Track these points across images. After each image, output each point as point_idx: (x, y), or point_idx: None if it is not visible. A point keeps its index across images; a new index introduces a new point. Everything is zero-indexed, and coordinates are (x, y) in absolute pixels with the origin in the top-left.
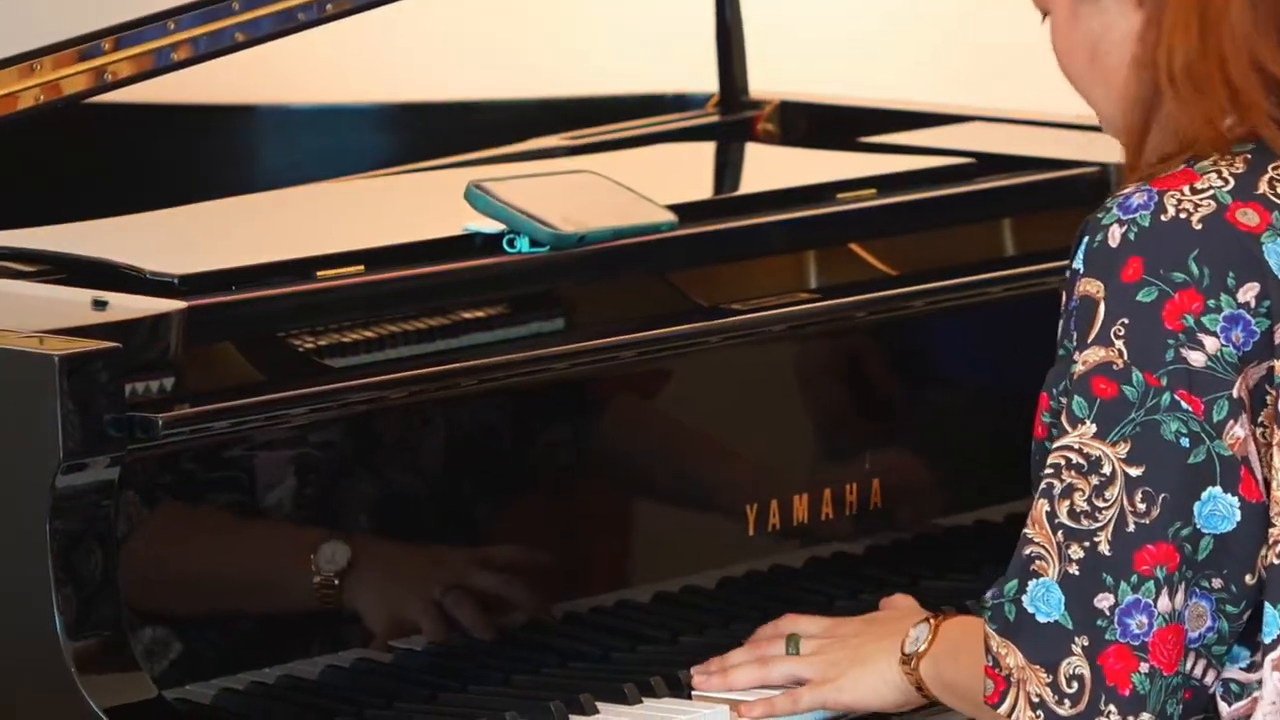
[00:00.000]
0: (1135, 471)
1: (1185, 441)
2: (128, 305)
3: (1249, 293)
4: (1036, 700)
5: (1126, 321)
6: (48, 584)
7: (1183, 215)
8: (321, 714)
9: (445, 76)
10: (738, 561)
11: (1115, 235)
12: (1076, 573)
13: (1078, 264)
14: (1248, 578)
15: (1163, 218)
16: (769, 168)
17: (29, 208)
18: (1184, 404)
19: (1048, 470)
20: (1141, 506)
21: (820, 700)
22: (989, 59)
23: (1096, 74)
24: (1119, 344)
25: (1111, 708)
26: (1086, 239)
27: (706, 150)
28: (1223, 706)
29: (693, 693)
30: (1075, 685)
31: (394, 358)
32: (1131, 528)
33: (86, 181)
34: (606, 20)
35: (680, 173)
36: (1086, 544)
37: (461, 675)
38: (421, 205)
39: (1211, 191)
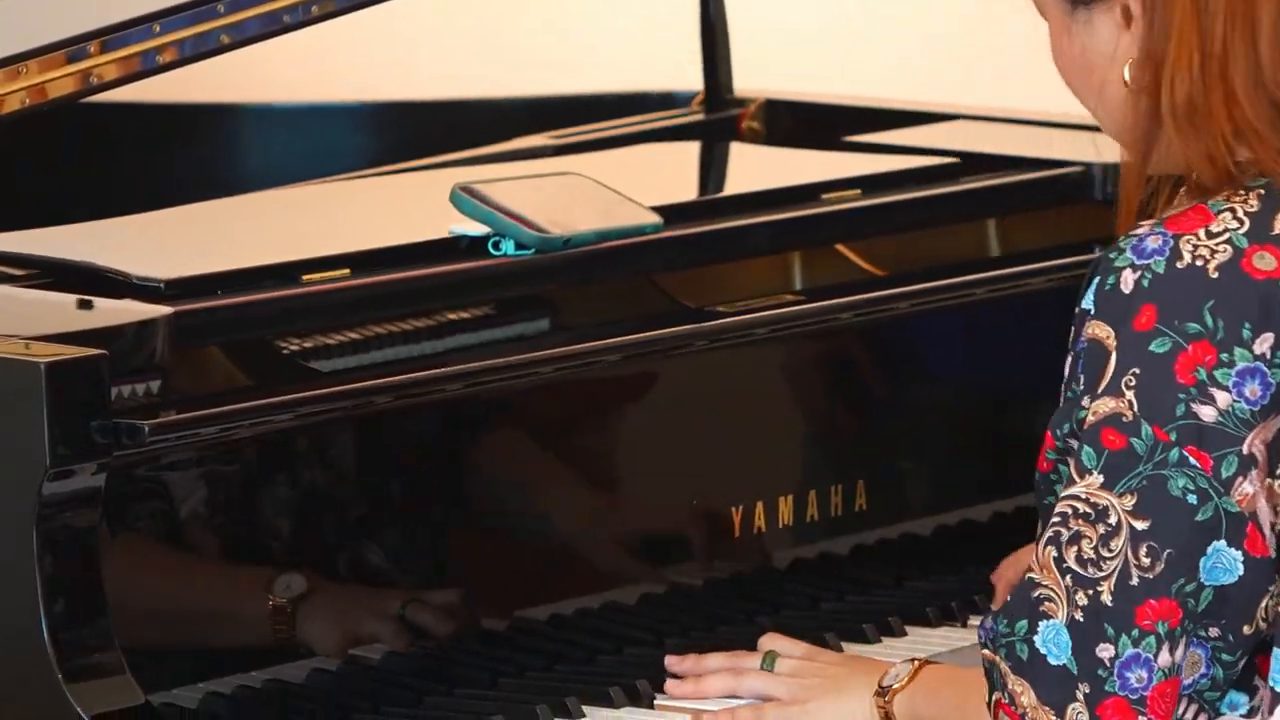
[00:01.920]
0: (1141, 525)
1: (1193, 499)
2: (114, 310)
3: (1264, 344)
4: None
5: (1138, 372)
6: (34, 591)
7: (1199, 263)
8: (308, 718)
9: (430, 76)
10: (723, 563)
11: (1129, 280)
12: (1081, 619)
13: (1088, 304)
14: (1245, 628)
15: (1178, 264)
16: (754, 168)
17: (11, 211)
18: (1192, 459)
19: (1055, 518)
20: (1146, 561)
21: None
22: (974, 57)
23: (1090, 87)
24: (1129, 395)
25: None
26: (1098, 279)
27: (691, 150)
28: None
29: (656, 700)
30: None
31: (380, 361)
32: (1135, 581)
33: (67, 183)
34: (591, 18)
35: (665, 173)
36: (1091, 592)
37: (447, 678)
38: (406, 207)
39: (1228, 235)
